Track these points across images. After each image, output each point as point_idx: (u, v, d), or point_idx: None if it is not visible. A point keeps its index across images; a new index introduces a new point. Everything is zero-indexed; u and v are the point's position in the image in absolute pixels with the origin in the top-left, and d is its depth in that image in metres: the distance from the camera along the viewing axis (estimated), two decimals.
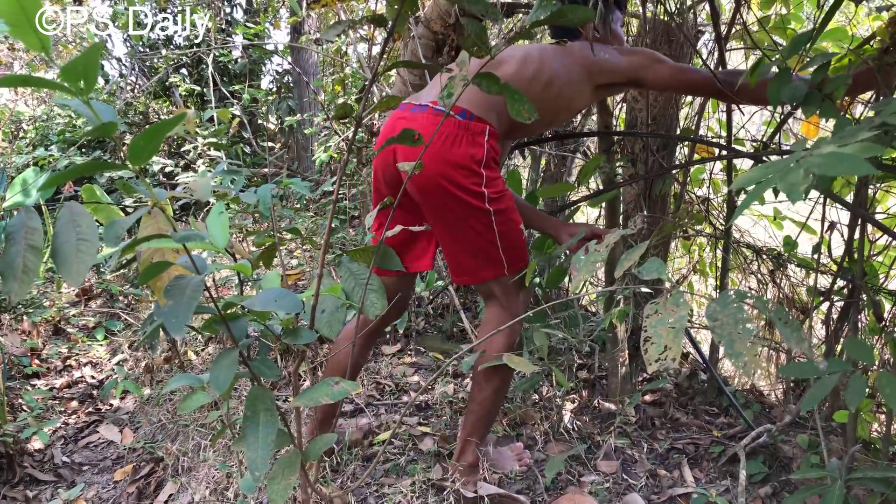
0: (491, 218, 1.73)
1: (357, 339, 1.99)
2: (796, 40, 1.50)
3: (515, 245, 1.80)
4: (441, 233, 1.82)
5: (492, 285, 1.86)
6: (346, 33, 4.12)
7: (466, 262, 1.83)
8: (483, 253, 1.79)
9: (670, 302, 0.91)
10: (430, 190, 1.71)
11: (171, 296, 1.01)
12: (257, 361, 1.26)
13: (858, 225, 1.88)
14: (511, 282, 1.84)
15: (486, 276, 1.83)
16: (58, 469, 2.30)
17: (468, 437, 1.91)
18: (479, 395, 1.89)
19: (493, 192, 1.72)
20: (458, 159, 1.68)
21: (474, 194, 1.70)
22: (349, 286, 1.48)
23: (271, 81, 6.91)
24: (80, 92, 0.92)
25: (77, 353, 3.19)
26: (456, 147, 1.67)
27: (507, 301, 1.86)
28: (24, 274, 1.01)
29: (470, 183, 1.69)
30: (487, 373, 1.86)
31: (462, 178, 1.68)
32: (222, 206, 1.33)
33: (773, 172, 0.86)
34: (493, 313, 1.88)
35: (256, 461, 1.13)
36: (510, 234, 1.78)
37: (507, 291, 1.85)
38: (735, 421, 2.41)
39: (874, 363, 1.33)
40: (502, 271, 1.81)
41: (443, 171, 1.68)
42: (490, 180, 1.72)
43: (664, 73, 1.87)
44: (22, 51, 6.18)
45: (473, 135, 1.69)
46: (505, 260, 1.79)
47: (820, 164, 0.80)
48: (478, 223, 1.74)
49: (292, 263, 3.89)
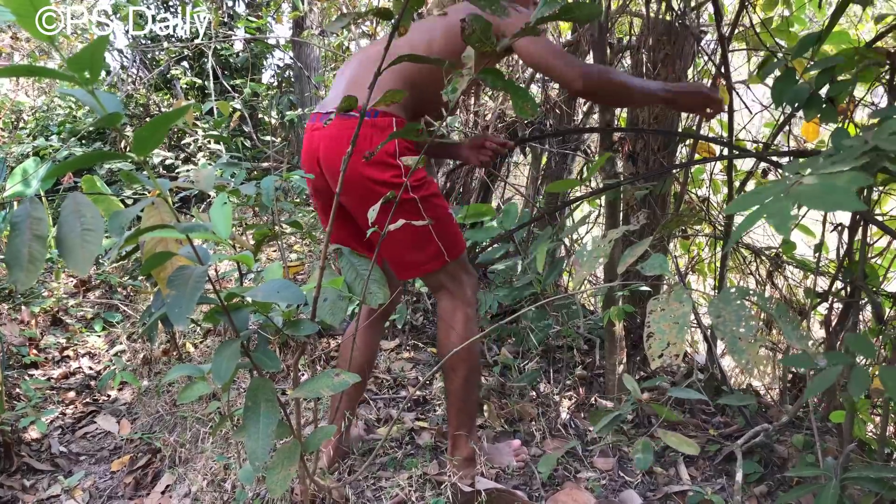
0: (418, 206, 1.74)
1: (360, 336, 2.01)
2: (803, 41, 1.51)
3: (448, 230, 1.83)
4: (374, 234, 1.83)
5: (438, 276, 1.87)
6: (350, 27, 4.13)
7: (406, 257, 1.85)
8: (420, 244, 1.80)
9: (673, 298, 0.92)
10: (355, 192, 1.75)
11: (175, 286, 1.02)
12: (259, 352, 1.26)
13: (859, 225, 1.89)
14: (455, 268, 1.85)
15: (428, 268, 1.85)
16: (55, 459, 2.30)
17: (456, 431, 1.93)
18: (451, 387, 1.92)
19: (414, 181, 1.75)
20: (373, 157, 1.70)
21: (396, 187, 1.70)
22: (350, 278, 1.49)
23: (272, 76, 6.90)
24: (86, 82, 0.93)
25: (75, 343, 3.19)
26: (367, 146, 1.70)
27: (455, 288, 1.88)
28: (29, 263, 1.01)
29: (389, 177, 1.72)
30: (453, 363, 1.87)
31: (379, 173, 1.72)
32: (225, 196, 1.33)
33: (765, 199, 0.86)
34: (446, 303, 1.90)
35: (256, 451, 1.14)
36: (441, 220, 1.80)
37: (453, 279, 1.87)
38: (731, 420, 2.41)
39: (874, 358, 1.34)
40: (443, 260, 1.82)
41: (362, 172, 1.71)
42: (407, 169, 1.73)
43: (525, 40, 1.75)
44: (24, 41, 6.16)
45: (381, 130, 1.73)
46: (443, 247, 1.80)
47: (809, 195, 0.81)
48: (406, 213, 1.73)
49: (292, 257, 3.89)
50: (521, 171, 4.29)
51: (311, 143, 1.83)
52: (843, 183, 0.83)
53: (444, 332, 1.89)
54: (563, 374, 2.63)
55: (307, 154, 1.86)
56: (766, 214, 0.82)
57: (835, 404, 2.00)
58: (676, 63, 2.46)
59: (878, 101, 2.14)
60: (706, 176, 2.86)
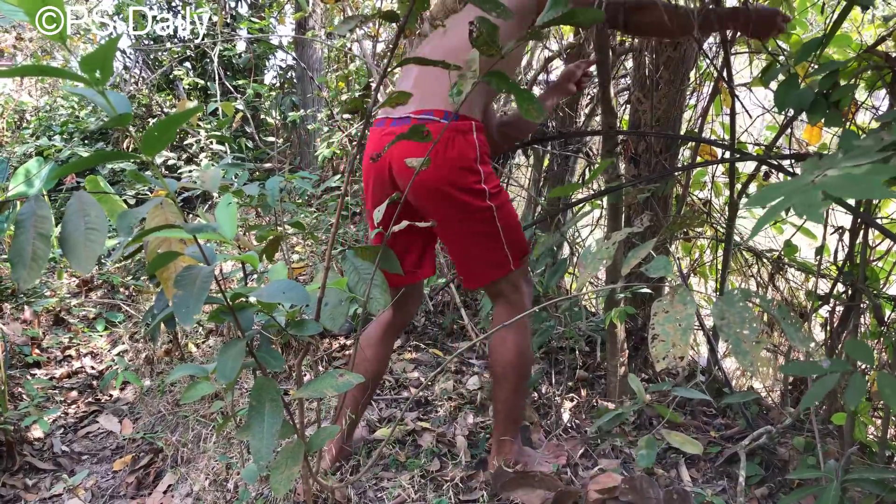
0: (493, 214, 1.74)
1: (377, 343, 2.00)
2: (806, 46, 1.52)
3: (517, 237, 1.82)
4: (447, 239, 1.84)
5: (500, 285, 1.87)
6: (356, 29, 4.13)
7: (475, 266, 1.85)
8: (489, 253, 1.80)
9: (678, 299, 0.92)
10: (433, 197, 1.72)
11: (182, 286, 1.02)
12: (263, 352, 1.27)
13: (861, 229, 1.89)
14: (517, 277, 1.85)
15: (496, 275, 1.85)
16: (57, 458, 2.31)
17: (501, 436, 1.94)
18: (501, 394, 1.91)
19: (492, 188, 1.74)
20: (456, 161, 1.69)
21: (477, 193, 1.71)
22: (353, 281, 1.49)
23: (275, 77, 6.91)
24: (97, 82, 0.94)
25: (78, 343, 3.20)
26: (450, 150, 1.68)
27: (514, 297, 1.88)
28: (33, 262, 1.02)
29: (471, 182, 1.70)
30: (505, 371, 1.88)
31: (462, 179, 1.70)
32: (230, 197, 1.34)
33: (786, 192, 0.87)
34: (502, 311, 1.89)
35: (261, 451, 1.14)
36: (511, 228, 1.80)
37: (514, 288, 1.87)
38: (733, 422, 2.42)
39: (874, 364, 1.35)
40: (508, 268, 1.82)
41: (444, 176, 1.68)
42: (487, 176, 1.73)
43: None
44: (27, 41, 6.17)
45: (464, 134, 1.70)
46: (510, 255, 1.80)
47: (836, 185, 0.81)
48: (482, 224, 1.75)
49: (294, 258, 3.90)
50: (523, 172, 4.29)
51: (379, 148, 1.77)
52: (868, 172, 0.83)
53: (498, 340, 1.89)
54: (564, 376, 2.64)
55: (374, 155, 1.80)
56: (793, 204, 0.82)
57: (836, 407, 2.01)
58: (679, 66, 2.47)
59: (879, 105, 2.15)
60: (708, 178, 2.87)
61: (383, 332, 2.01)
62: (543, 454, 2.09)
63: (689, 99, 2.79)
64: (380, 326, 2.02)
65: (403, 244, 1.90)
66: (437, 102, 1.71)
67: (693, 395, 1.85)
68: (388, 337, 2.03)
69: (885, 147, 0.95)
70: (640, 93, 2.54)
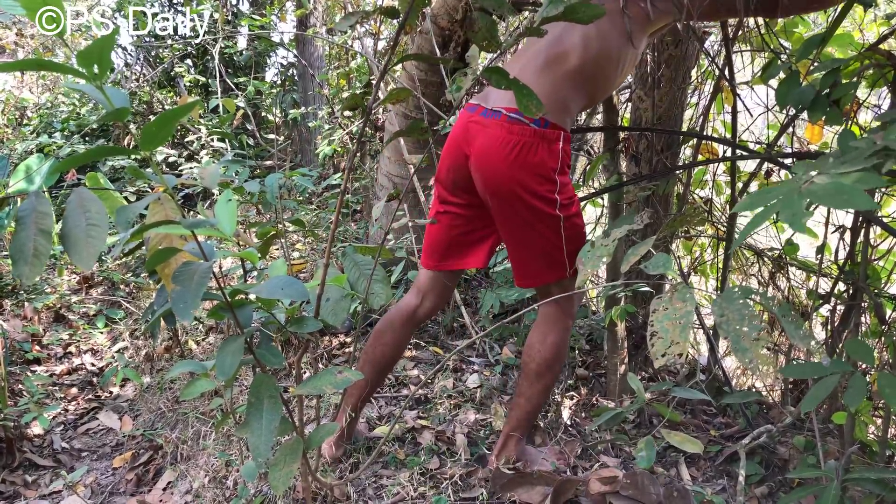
0: (560, 223, 1.73)
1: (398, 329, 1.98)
2: (807, 44, 1.51)
3: (579, 248, 1.80)
4: (509, 237, 1.83)
5: (551, 287, 1.87)
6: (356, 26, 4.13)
7: (532, 267, 1.85)
8: (549, 257, 1.80)
9: (677, 297, 0.92)
10: (504, 195, 1.71)
11: (180, 281, 1.02)
12: (262, 349, 1.27)
13: (862, 227, 1.89)
14: (570, 282, 1.85)
15: (548, 279, 1.84)
16: (57, 455, 2.31)
17: (512, 431, 1.93)
18: (529, 391, 1.90)
19: (565, 199, 1.74)
20: (535, 168, 1.67)
21: (548, 201, 1.71)
22: (353, 277, 1.49)
23: (276, 74, 6.91)
24: (94, 77, 0.93)
25: (78, 339, 3.20)
26: (532, 155, 1.66)
27: (563, 300, 1.86)
28: (34, 258, 1.02)
29: (545, 190, 1.70)
30: (541, 368, 1.87)
31: (537, 185, 1.69)
32: (230, 193, 1.33)
33: (775, 198, 0.86)
34: (550, 311, 1.88)
35: (259, 447, 1.14)
36: (576, 239, 1.79)
37: (564, 290, 1.86)
38: (733, 421, 2.41)
39: (874, 364, 1.34)
40: (563, 274, 1.82)
41: (519, 179, 1.68)
42: (563, 187, 1.73)
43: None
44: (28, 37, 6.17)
45: (549, 142, 1.68)
46: (567, 263, 1.80)
47: (822, 194, 0.82)
48: (547, 229, 1.75)
49: (294, 255, 3.90)
50: None
51: (465, 132, 1.76)
52: (854, 182, 0.84)
53: (538, 337, 1.88)
54: (564, 374, 2.63)
55: (455, 141, 1.80)
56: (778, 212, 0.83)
57: (836, 406, 2.00)
58: (680, 64, 2.46)
59: (881, 103, 2.14)
60: (709, 177, 2.86)
61: (406, 319, 1.98)
62: (545, 455, 2.09)
63: (691, 97, 2.78)
64: (404, 312, 1.98)
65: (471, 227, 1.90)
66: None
67: (693, 394, 1.84)
68: (410, 325, 2.00)
69: (876, 152, 0.94)
70: (641, 91, 2.53)
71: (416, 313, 1.99)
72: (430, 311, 2.02)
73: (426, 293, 1.98)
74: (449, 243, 1.91)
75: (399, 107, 3.04)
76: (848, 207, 0.80)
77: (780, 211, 0.82)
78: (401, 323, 1.98)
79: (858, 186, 0.82)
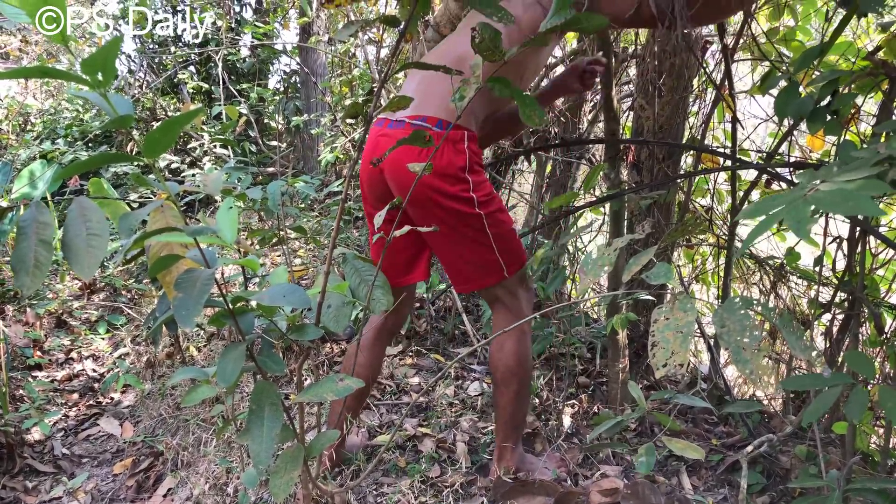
0: (483, 221, 1.74)
1: (367, 346, 1.99)
2: (806, 55, 1.51)
3: (510, 246, 1.81)
4: (437, 244, 1.83)
5: (495, 290, 1.86)
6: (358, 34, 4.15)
7: (465, 271, 1.84)
8: (480, 259, 1.80)
9: (678, 307, 0.92)
10: (420, 201, 1.73)
11: (182, 288, 1.02)
12: (264, 356, 1.27)
13: (860, 237, 1.89)
14: (513, 284, 1.85)
15: (487, 282, 1.84)
16: (57, 461, 2.31)
17: (503, 443, 1.93)
18: (501, 400, 1.90)
19: (482, 196, 1.73)
20: (444, 169, 1.69)
21: (464, 200, 1.71)
22: (354, 283, 1.49)
23: (279, 81, 6.93)
24: (98, 84, 0.94)
25: (79, 345, 3.21)
26: (438, 158, 1.68)
27: (512, 303, 1.87)
28: (35, 268, 1.02)
29: (458, 190, 1.70)
30: (505, 377, 1.87)
31: (449, 186, 1.70)
32: (231, 201, 1.34)
33: (780, 206, 0.87)
34: (501, 318, 1.89)
35: (260, 455, 1.14)
36: (504, 236, 1.79)
37: (510, 293, 1.86)
38: (734, 430, 2.41)
39: (874, 376, 1.34)
40: (502, 275, 1.82)
41: (430, 183, 1.69)
42: (477, 184, 1.73)
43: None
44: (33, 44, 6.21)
45: (454, 143, 1.70)
46: (503, 263, 1.80)
47: (827, 200, 0.82)
48: (470, 229, 1.75)
49: (296, 262, 3.90)
50: (526, 178, 4.30)
51: (375, 146, 1.79)
52: (859, 189, 0.84)
53: (496, 346, 1.88)
54: (565, 382, 2.63)
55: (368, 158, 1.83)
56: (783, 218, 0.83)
57: (838, 416, 2.00)
58: (682, 73, 2.47)
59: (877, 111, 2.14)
60: (710, 185, 2.87)
61: (375, 336, 2.00)
62: (545, 462, 2.08)
63: (692, 106, 2.79)
64: (372, 331, 2.01)
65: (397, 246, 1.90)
66: (432, 109, 1.71)
67: (695, 402, 1.84)
68: (381, 341, 2.02)
69: (879, 161, 0.95)
70: (643, 99, 2.54)
71: (383, 329, 2.01)
72: (397, 322, 2.07)
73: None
74: (390, 262, 1.91)
75: None
76: (854, 213, 0.80)
77: (784, 218, 0.82)
78: (370, 342, 2.00)
79: (864, 192, 0.82)
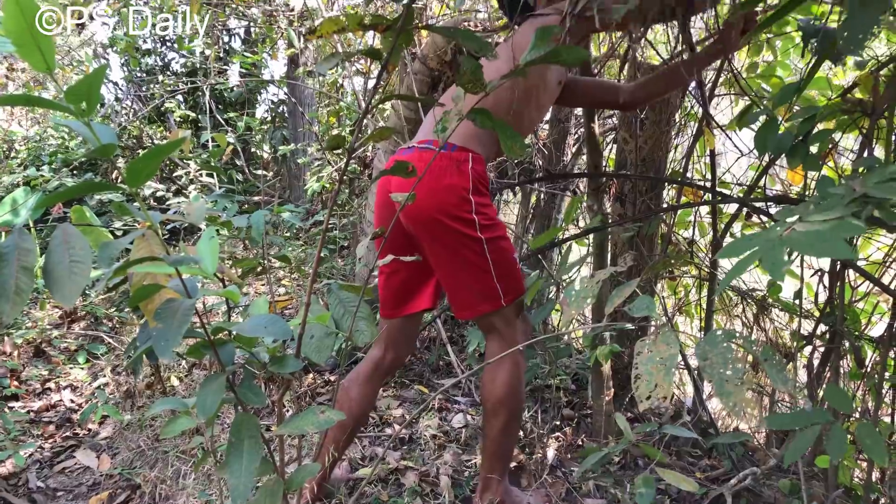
0: (483, 246, 1.75)
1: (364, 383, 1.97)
2: (784, 90, 1.54)
3: (509, 273, 1.82)
4: (438, 267, 1.84)
5: (492, 318, 1.86)
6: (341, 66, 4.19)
7: (464, 296, 1.84)
8: (479, 285, 1.80)
9: (661, 339, 0.92)
10: (424, 222, 1.75)
11: (162, 319, 1.01)
12: (244, 387, 1.25)
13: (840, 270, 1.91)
14: (510, 313, 1.85)
15: (484, 309, 1.83)
16: (32, 494, 2.25)
17: (488, 473, 1.90)
18: (490, 431, 1.88)
19: (484, 220, 1.75)
20: (449, 189, 1.72)
21: (466, 222, 1.73)
22: (338, 314, 1.48)
23: (266, 111, 6.96)
24: (82, 113, 0.94)
25: (57, 375, 3.15)
26: (443, 178, 1.72)
27: (507, 333, 1.86)
28: (16, 295, 1.01)
29: (461, 211, 1.73)
30: (495, 408, 1.85)
31: (452, 206, 1.72)
32: (213, 230, 1.33)
33: (757, 246, 0.88)
34: (495, 347, 1.88)
35: (239, 488, 1.12)
36: (504, 263, 1.80)
37: (506, 323, 1.86)
38: (718, 463, 2.40)
39: (852, 412, 1.35)
40: (499, 303, 1.82)
41: (434, 203, 1.71)
42: (480, 207, 1.74)
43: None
44: (20, 71, 6.20)
45: (458, 163, 1.74)
46: (501, 290, 1.80)
47: (802, 242, 0.83)
48: (471, 253, 1.76)
49: (280, 291, 3.88)
50: (511, 209, 4.32)
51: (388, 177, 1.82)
52: (833, 230, 0.85)
53: (489, 376, 1.87)
54: (549, 414, 2.62)
55: (380, 184, 1.88)
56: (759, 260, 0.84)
57: (820, 449, 2.00)
58: (664, 107, 2.51)
59: (855, 147, 2.18)
60: (692, 218, 2.90)
61: (372, 371, 1.97)
62: (531, 498, 2.06)
63: (675, 139, 2.83)
64: (369, 365, 1.98)
65: (402, 275, 1.92)
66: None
67: (681, 433, 1.84)
68: (377, 377, 1.99)
69: (854, 199, 0.96)
70: (626, 132, 2.58)
71: (381, 365, 1.99)
72: (396, 360, 2.02)
73: (389, 344, 1.98)
74: (398, 289, 1.93)
75: (387, 144, 3.07)
76: (827, 255, 0.82)
77: (761, 259, 0.83)
78: (367, 377, 1.97)
79: (838, 234, 0.84)
